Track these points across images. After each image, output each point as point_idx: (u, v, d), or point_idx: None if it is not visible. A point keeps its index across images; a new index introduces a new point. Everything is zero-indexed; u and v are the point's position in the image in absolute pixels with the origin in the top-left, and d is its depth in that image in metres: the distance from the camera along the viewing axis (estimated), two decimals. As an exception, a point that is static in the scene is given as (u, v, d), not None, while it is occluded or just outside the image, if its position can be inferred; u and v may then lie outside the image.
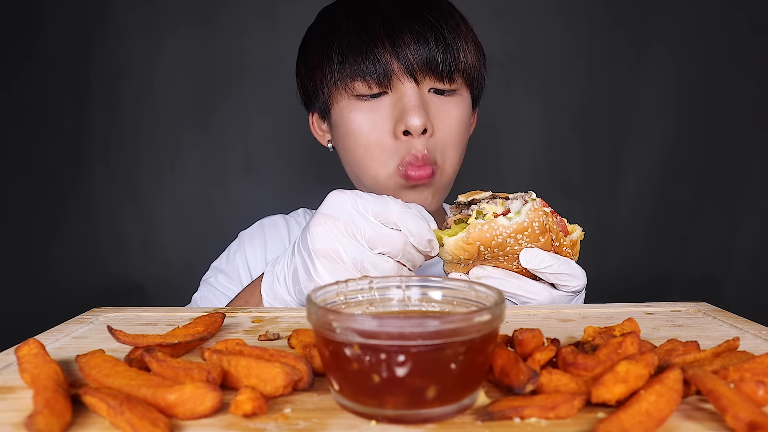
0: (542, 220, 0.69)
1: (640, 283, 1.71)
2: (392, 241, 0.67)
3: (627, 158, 1.75)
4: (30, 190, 1.67)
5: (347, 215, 0.68)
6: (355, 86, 0.87)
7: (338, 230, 0.68)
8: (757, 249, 1.76)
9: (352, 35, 0.87)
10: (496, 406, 0.39)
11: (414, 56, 0.85)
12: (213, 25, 1.67)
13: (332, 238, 0.68)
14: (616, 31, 1.71)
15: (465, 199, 0.74)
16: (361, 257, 0.67)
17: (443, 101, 0.90)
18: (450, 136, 0.89)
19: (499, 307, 0.40)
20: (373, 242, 0.67)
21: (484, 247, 0.68)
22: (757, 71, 1.72)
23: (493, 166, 1.73)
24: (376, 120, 0.87)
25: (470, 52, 0.91)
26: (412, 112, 0.84)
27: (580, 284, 0.72)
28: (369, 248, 0.68)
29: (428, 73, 0.87)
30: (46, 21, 1.64)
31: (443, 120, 0.89)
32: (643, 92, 1.73)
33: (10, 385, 0.45)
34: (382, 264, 0.68)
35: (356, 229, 0.68)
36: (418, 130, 0.85)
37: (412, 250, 0.69)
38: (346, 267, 0.67)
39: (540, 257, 0.69)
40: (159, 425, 0.36)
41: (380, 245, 0.67)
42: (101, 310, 0.69)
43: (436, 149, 0.88)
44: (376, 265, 0.67)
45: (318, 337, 0.40)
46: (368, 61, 0.85)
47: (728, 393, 0.37)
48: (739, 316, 0.65)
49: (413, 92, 0.86)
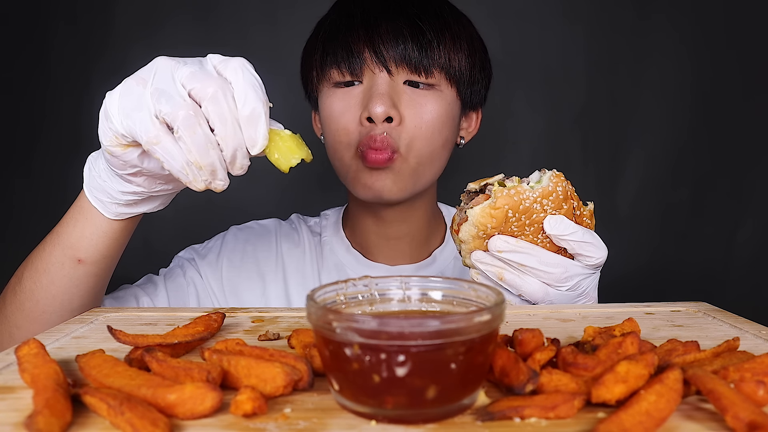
0: (564, 185, 0.69)
1: (640, 283, 1.71)
2: (208, 79, 0.57)
3: (627, 158, 1.75)
4: (29, 189, 1.67)
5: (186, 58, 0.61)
6: (332, 74, 0.92)
7: (165, 64, 0.59)
8: (757, 249, 1.76)
9: (333, 26, 0.92)
10: (496, 406, 0.39)
11: (387, 47, 0.87)
12: (213, 25, 1.67)
13: (154, 70, 0.59)
14: (616, 32, 1.71)
15: (476, 185, 0.72)
16: (165, 86, 0.57)
17: (418, 94, 0.90)
18: (420, 128, 0.90)
19: (499, 307, 0.40)
20: (188, 78, 0.57)
21: (512, 212, 0.68)
22: (757, 71, 1.72)
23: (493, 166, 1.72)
24: (347, 107, 0.90)
25: (459, 50, 0.91)
26: (375, 99, 0.87)
27: (602, 257, 0.71)
28: (181, 84, 0.58)
29: (401, 65, 0.89)
30: (46, 21, 1.64)
31: (415, 111, 0.90)
32: (643, 92, 1.73)
33: (10, 385, 0.45)
34: (179, 101, 0.56)
35: (183, 66, 0.59)
36: (380, 117, 0.86)
37: (226, 102, 0.57)
38: (145, 92, 0.57)
39: (564, 223, 0.69)
40: (159, 425, 0.36)
41: (193, 81, 0.57)
42: (101, 310, 0.69)
43: (402, 138, 0.89)
44: (171, 99, 0.56)
45: (318, 337, 0.40)
46: (343, 50, 0.89)
47: (728, 393, 0.37)
48: (739, 316, 0.65)
49: (384, 82, 0.88)
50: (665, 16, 1.70)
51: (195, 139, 0.57)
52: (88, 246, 0.73)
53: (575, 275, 0.71)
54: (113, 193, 0.69)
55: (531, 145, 1.75)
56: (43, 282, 0.74)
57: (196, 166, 0.58)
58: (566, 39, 1.71)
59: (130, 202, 0.70)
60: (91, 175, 0.70)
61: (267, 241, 1.07)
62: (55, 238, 0.74)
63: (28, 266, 0.76)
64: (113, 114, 0.59)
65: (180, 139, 0.57)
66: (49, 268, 0.74)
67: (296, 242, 1.07)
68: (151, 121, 0.57)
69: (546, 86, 1.72)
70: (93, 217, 0.72)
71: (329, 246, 1.06)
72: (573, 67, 1.72)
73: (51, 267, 0.74)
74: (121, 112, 0.58)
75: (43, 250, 0.75)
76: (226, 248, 1.05)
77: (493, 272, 0.72)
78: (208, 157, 0.58)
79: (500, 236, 0.70)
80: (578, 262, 0.71)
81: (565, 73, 1.72)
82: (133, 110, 0.57)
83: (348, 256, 1.04)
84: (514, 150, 1.75)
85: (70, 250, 0.73)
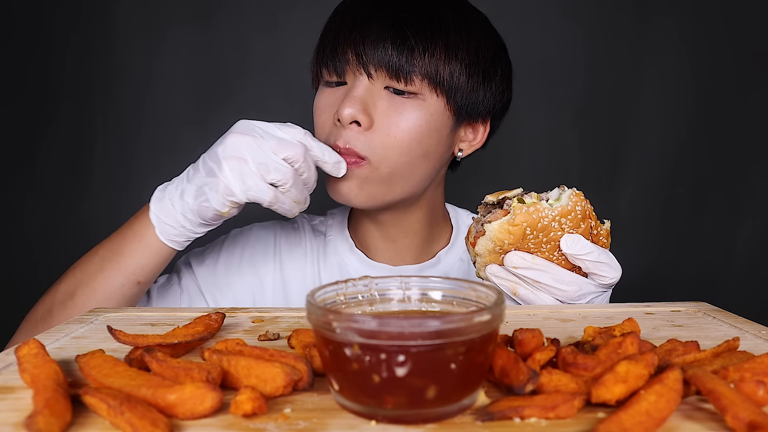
0: (583, 205, 0.69)
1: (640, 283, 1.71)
2: (294, 147, 0.78)
3: (627, 158, 1.75)
4: (30, 189, 1.67)
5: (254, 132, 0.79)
6: (322, 73, 0.93)
7: (245, 142, 0.77)
8: (757, 249, 1.76)
9: (328, 26, 0.93)
10: (496, 406, 0.39)
11: (369, 51, 0.86)
12: (213, 25, 1.67)
13: (240, 147, 0.77)
14: (617, 32, 1.71)
15: (494, 198, 0.72)
16: (265, 160, 0.77)
17: (397, 101, 0.87)
18: (394, 136, 0.87)
19: (499, 307, 0.40)
20: (276, 149, 0.77)
21: (530, 229, 0.68)
22: (757, 71, 1.72)
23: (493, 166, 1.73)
24: (327, 105, 0.91)
25: (451, 59, 0.88)
26: (346, 101, 0.86)
27: (616, 277, 0.72)
28: (273, 154, 0.77)
29: (381, 69, 0.86)
30: (46, 21, 1.64)
31: (390, 119, 0.87)
32: (643, 92, 1.73)
33: (10, 385, 0.45)
34: (283, 168, 0.77)
35: (262, 140, 0.77)
36: (346, 119, 0.86)
37: (310, 158, 0.81)
38: (251, 167, 0.76)
39: (581, 243, 0.69)
40: (159, 425, 0.36)
41: (283, 151, 0.77)
42: (101, 309, 0.69)
43: (372, 145, 0.87)
44: (277, 168, 0.77)
45: (318, 337, 0.40)
46: (331, 51, 0.90)
47: (728, 393, 0.37)
48: (739, 316, 0.65)
49: (361, 85, 0.87)
50: (665, 16, 1.70)
51: (297, 188, 0.80)
52: (150, 271, 0.85)
53: (588, 293, 0.72)
54: (193, 235, 0.84)
55: (531, 145, 1.75)
56: (99, 299, 0.83)
57: (297, 203, 0.82)
58: (566, 39, 1.71)
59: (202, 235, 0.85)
60: (165, 225, 0.82)
61: (265, 244, 1.06)
62: (116, 265, 0.84)
63: (81, 285, 0.84)
64: (235, 190, 0.77)
65: (288, 192, 0.79)
66: (107, 289, 0.84)
67: (297, 242, 1.06)
68: (267, 187, 0.78)
69: (546, 86, 1.72)
70: (161, 251, 0.84)
71: (333, 245, 1.05)
72: (573, 67, 1.72)
73: (109, 288, 0.84)
74: (242, 186, 0.77)
75: (101, 273, 0.84)
76: (225, 252, 1.04)
77: (507, 287, 0.73)
78: (303, 195, 0.82)
79: (517, 252, 0.70)
80: (592, 281, 0.72)
81: (565, 73, 1.72)
82: (251, 182, 0.77)
83: (351, 256, 1.04)
84: (514, 150, 1.75)
85: (132, 275, 0.84)
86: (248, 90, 1.68)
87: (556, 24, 1.70)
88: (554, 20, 1.70)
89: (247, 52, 1.67)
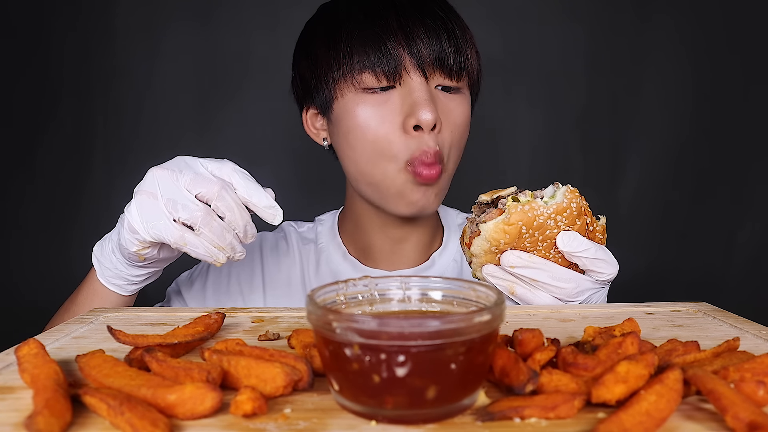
0: (578, 201, 0.69)
1: (640, 283, 1.71)
2: (209, 183, 0.70)
3: (627, 158, 1.75)
4: (30, 189, 1.67)
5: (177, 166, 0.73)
6: (363, 79, 0.85)
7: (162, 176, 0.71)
8: (757, 249, 1.76)
9: (363, 27, 0.85)
10: (496, 406, 0.39)
11: (426, 51, 0.84)
12: (213, 25, 1.67)
13: (155, 182, 0.70)
14: (616, 32, 1.71)
15: (488, 197, 0.71)
16: (174, 196, 0.69)
17: (449, 98, 0.88)
18: (454, 134, 0.88)
19: (499, 307, 0.40)
20: (190, 185, 0.70)
21: (526, 228, 0.67)
22: (757, 70, 1.72)
23: (493, 166, 1.73)
24: (385, 114, 0.85)
25: (476, 54, 0.91)
26: (423, 106, 0.82)
27: (613, 273, 0.71)
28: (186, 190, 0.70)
29: (438, 69, 0.85)
30: (47, 21, 1.64)
31: (449, 117, 0.87)
32: (643, 92, 1.73)
33: (10, 385, 0.45)
34: (192, 206, 0.69)
35: (180, 174, 0.70)
36: (429, 124, 0.82)
37: (229, 196, 0.70)
38: (158, 203, 0.69)
39: (578, 240, 0.69)
40: (159, 425, 0.36)
41: (196, 187, 0.69)
42: (101, 310, 0.69)
43: (444, 147, 0.86)
44: (185, 206, 0.69)
45: (318, 337, 0.40)
46: (379, 53, 0.83)
47: (728, 393, 0.37)
48: (739, 316, 0.65)
49: (423, 87, 0.84)
50: (665, 16, 1.70)
51: (213, 230, 0.70)
52: None
53: (586, 290, 0.71)
54: (130, 278, 0.81)
55: (531, 145, 1.75)
56: None
57: (218, 248, 0.71)
58: (566, 39, 1.71)
59: (143, 280, 0.83)
60: (103, 267, 0.80)
61: (249, 259, 1.03)
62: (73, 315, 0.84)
63: None
64: (138, 227, 0.70)
65: (201, 234, 0.70)
66: None
67: (285, 252, 1.04)
68: (173, 226, 0.69)
69: (546, 86, 1.72)
70: (110, 297, 0.83)
71: (325, 253, 1.03)
72: (573, 67, 1.72)
73: None
74: (145, 224, 0.70)
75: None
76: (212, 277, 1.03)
77: (504, 286, 0.72)
78: (225, 240, 0.71)
79: (513, 251, 0.70)
80: (589, 277, 0.72)
81: (565, 74, 1.72)
82: (155, 220, 0.69)
83: (345, 264, 1.01)
84: (513, 150, 1.75)
85: None
86: (248, 90, 1.68)
87: (556, 24, 1.70)
88: (554, 20, 1.70)
89: (248, 51, 1.67)
